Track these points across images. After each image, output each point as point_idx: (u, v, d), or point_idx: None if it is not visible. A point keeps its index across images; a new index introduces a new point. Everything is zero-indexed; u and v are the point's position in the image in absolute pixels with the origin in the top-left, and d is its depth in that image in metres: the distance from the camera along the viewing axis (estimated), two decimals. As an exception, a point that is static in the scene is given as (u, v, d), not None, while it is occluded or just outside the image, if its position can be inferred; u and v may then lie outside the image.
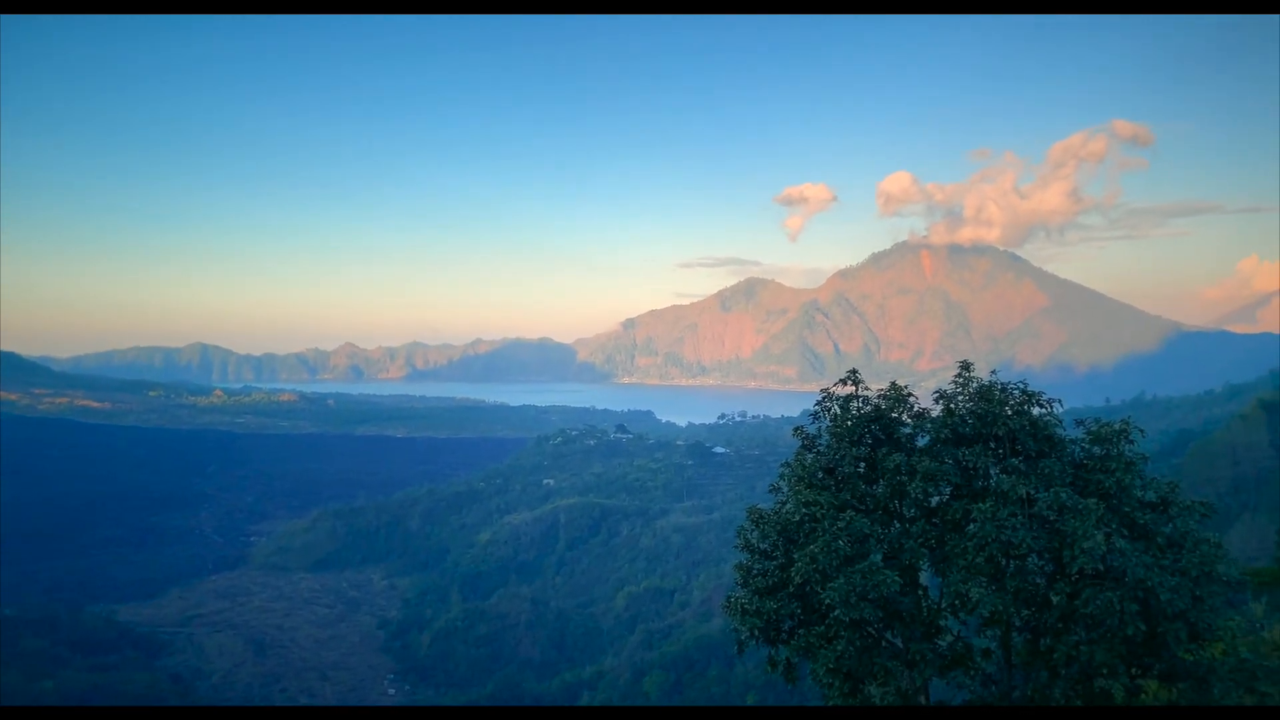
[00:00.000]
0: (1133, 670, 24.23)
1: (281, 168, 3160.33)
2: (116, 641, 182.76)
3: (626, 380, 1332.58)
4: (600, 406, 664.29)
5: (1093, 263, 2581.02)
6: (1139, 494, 25.80)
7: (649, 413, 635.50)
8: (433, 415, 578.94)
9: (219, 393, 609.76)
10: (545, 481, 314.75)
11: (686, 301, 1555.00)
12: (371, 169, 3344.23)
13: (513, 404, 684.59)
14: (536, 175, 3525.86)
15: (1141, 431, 26.87)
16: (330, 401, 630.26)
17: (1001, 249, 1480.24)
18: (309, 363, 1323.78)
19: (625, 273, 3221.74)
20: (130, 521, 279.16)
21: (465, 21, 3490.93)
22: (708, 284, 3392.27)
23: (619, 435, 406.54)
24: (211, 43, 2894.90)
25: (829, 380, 30.38)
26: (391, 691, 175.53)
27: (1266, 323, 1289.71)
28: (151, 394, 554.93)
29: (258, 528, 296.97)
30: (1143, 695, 23.39)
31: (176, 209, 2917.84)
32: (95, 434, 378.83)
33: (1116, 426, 26.53)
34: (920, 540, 26.92)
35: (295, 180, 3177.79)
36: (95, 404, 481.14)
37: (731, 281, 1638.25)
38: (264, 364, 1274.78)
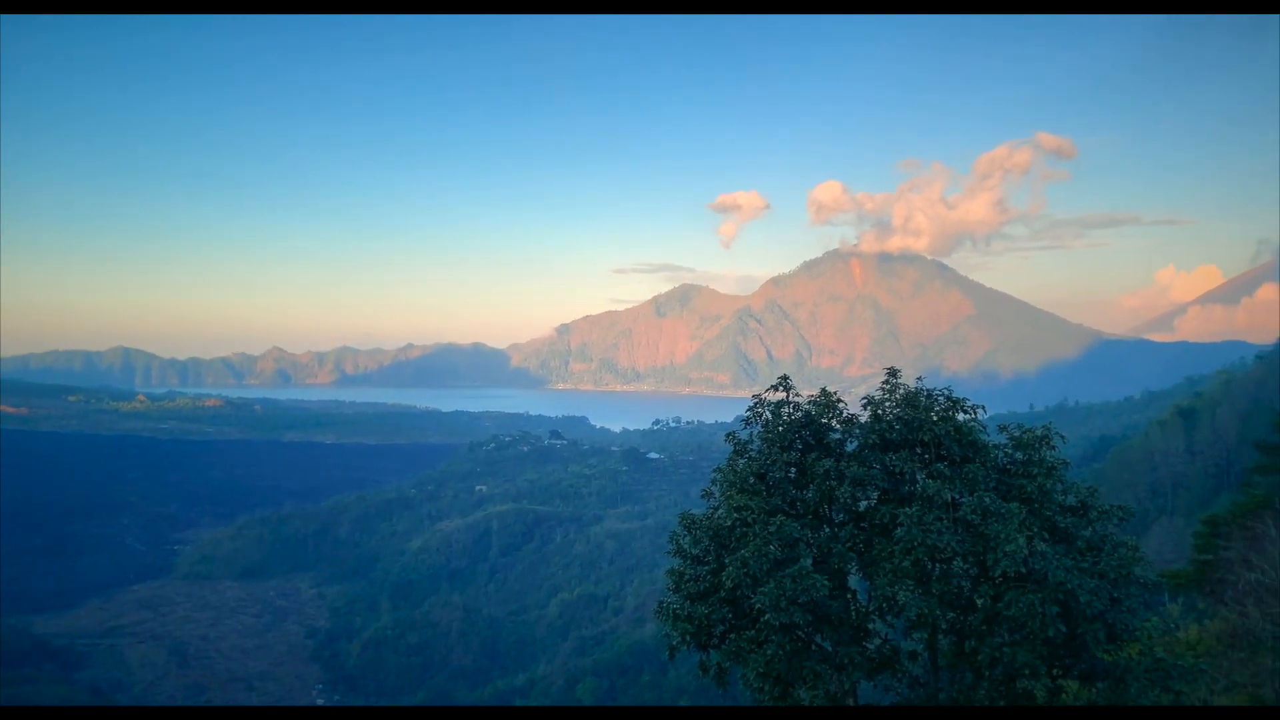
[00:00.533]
0: (1054, 671, 24.68)
1: (207, 167, 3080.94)
2: (32, 654, 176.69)
3: (561, 386, 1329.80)
4: (534, 412, 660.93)
5: (1017, 272, 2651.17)
6: (1060, 498, 26.36)
7: (583, 418, 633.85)
8: (363, 421, 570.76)
9: (141, 398, 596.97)
10: (478, 488, 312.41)
11: (621, 307, 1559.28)
12: (300, 170, 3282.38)
13: (445, 410, 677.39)
14: (471, 179, 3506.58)
15: (1062, 437, 27.48)
16: (257, 407, 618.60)
17: (929, 258, 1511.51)
18: (235, 367, 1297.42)
19: (560, 278, 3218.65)
20: (47, 530, 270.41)
21: (398, 22, 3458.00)
22: (642, 290, 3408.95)
23: (553, 441, 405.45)
24: (117, 39, 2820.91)
25: (762, 386, 30.59)
26: (320, 701, 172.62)
27: (1183, 331, 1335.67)
28: (71, 399, 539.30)
29: (182, 536, 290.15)
30: (1063, 695, 23.88)
31: (97, 208, 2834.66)
32: (11, 440, 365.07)
33: (1038, 432, 27.12)
34: (849, 544, 27.19)
35: (221, 180, 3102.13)
36: (11, 409, 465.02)
37: (666, 288, 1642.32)
38: (189, 369, 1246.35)
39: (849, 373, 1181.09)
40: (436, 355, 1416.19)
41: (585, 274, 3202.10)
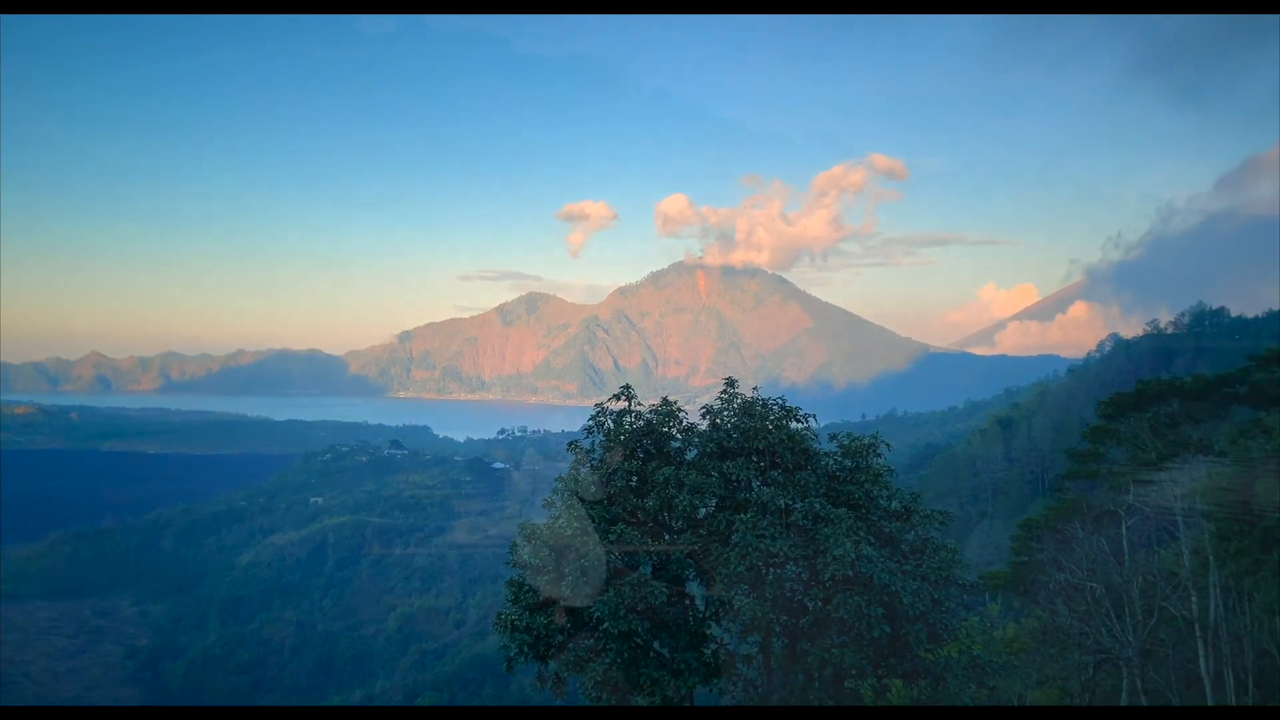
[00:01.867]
0: (879, 670, 25.63)
1: (16, 156, 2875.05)
2: None
3: (402, 394, 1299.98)
4: (374, 421, 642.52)
5: (851, 287, 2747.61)
6: (885, 504, 27.44)
7: (426, 428, 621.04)
8: (189, 430, 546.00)
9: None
10: (313, 500, 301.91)
11: (466, 315, 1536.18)
12: (122, 163, 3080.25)
13: (278, 418, 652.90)
14: (307, 180, 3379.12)
15: (888, 445, 28.66)
16: (73, 415, 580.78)
17: (770, 272, 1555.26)
18: (49, 372, 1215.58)
19: (402, 284, 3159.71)
20: None
21: (232, 20, 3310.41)
22: (488, 297, 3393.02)
23: (393, 451, 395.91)
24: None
25: (609, 396, 30.72)
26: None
27: (1003, 345, 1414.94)
28: None
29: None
30: (889, 695, 24.79)
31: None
32: None
33: (865, 441, 28.22)
34: (687, 551, 27.56)
35: (34, 172, 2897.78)
36: None
37: (513, 295, 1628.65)
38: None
39: (694, 383, 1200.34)
40: (269, 362, 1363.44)
41: (429, 280, 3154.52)
